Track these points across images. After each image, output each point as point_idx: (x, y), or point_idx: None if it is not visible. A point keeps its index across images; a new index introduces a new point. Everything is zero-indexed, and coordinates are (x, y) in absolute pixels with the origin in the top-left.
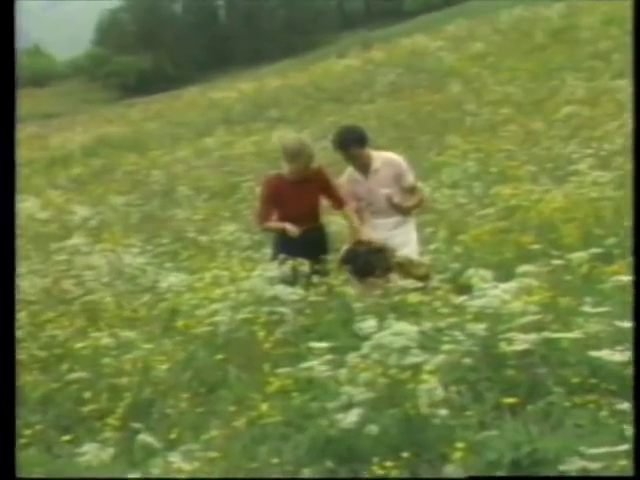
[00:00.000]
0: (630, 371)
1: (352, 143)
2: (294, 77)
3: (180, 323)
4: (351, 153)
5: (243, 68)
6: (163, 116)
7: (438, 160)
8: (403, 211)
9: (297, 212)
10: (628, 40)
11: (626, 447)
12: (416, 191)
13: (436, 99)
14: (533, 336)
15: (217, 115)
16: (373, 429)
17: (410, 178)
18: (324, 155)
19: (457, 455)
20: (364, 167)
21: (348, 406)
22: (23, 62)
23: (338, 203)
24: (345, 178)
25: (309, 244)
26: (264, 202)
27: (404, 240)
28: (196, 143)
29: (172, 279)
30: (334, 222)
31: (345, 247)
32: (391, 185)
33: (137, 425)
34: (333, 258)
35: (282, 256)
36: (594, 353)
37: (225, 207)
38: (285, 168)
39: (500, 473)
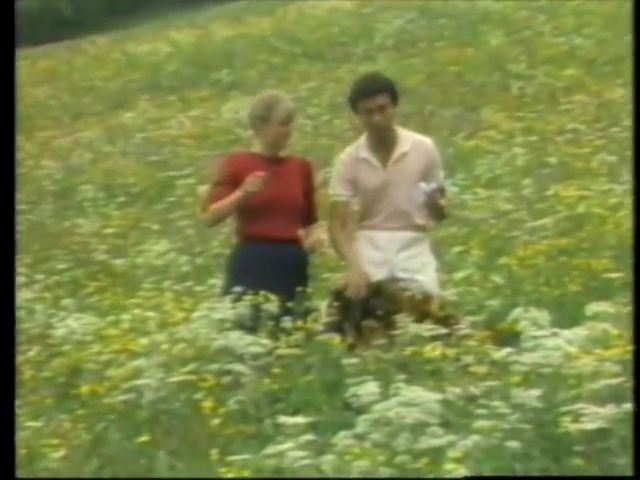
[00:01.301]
0: None
1: (383, 90)
2: (254, 24)
3: (84, 389)
4: (379, 104)
5: (177, 10)
6: (58, 78)
7: (469, 145)
8: (442, 218)
9: (271, 205)
10: None
11: None
12: (444, 194)
13: (466, 55)
14: (610, 409)
15: (139, 78)
16: None
17: (442, 174)
18: (301, 141)
19: None
20: (386, 145)
21: None
22: None
23: (311, 216)
24: (345, 157)
25: (280, 269)
26: (220, 183)
27: (419, 265)
28: (108, 119)
29: (72, 323)
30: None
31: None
32: (417, 181)
33: None
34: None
35: (238, 288)
36: None
37: (152, 216)
38: (257, 139)
39: None
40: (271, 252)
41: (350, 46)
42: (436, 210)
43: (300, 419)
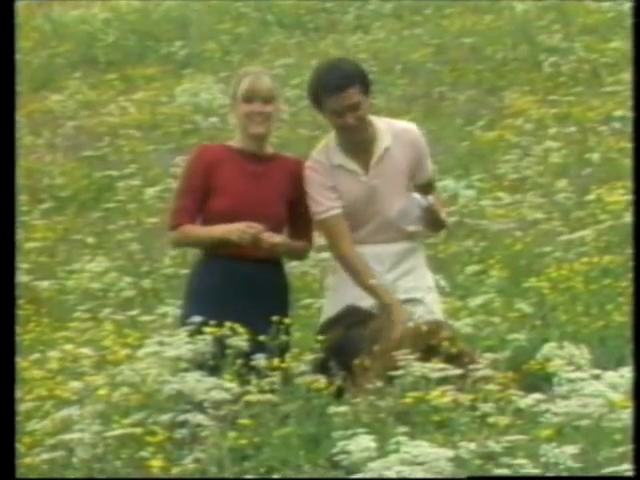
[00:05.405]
0: None
1: (354, 82)
2: None
3: None
4: (351, 103)
5: None
6: None
7: (489, 137)
8: (441, 229)
9: (243, 213)
10: None
11: None
12: (432, 189)
13: (484, 24)
14: None
15: (68, 51)
16: None
17: (429, 165)
18: (276, 132)
19: None
20: (364, 144)
21: None
22: None
23: (303, 232)
24: (316, 165)
25: (252, 294)
26: (187, 190)
27: (419, 282)
28: (29, 103)
29: None
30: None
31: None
32: (406, 181)
33: None
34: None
35: (197, 318)
36: None
37: (86, 226)
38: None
39: None
40: (241, 272)
41: (337, 12)
42: (436, 224)
43: None
